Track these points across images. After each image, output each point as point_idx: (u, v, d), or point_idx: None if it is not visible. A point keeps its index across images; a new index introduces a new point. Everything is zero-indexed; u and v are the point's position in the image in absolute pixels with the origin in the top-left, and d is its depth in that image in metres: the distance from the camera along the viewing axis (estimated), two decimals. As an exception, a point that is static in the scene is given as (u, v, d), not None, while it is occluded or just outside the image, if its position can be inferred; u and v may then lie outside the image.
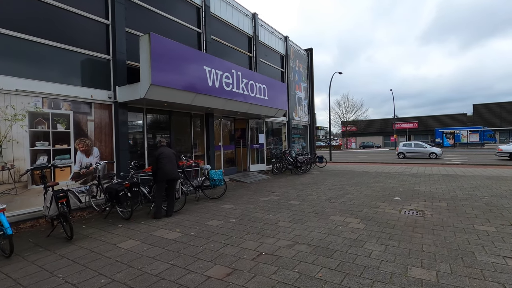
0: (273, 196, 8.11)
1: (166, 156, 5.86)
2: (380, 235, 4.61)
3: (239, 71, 9.62)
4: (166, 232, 5.00)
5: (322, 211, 6.24)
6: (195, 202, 7.41)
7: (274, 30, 15.30)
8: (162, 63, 6.85)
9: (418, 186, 9.18)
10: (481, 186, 8.86)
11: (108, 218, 6.02)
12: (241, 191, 8.94)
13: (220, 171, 7.67)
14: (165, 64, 6.91)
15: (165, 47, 6.92)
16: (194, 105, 8.41)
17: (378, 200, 7.24)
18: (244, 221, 5.56)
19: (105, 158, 7.20)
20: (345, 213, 6.03)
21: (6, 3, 5.67)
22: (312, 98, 19.58)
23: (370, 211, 6.21)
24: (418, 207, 6.45)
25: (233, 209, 6.58)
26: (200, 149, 10.53)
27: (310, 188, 9.32)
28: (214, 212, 6.33)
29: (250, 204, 7.06)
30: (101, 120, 7.19)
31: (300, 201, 7.30)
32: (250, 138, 13.00)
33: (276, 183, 10.58)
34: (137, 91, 6.91)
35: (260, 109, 11.18)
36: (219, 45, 11.25)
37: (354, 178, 11.52)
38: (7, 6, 5.69)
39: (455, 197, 7.37)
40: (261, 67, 13.97)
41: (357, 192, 8.35)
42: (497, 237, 4.41)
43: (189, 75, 7.67)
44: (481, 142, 41.24)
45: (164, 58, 6.89)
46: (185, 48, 7.57)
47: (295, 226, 5.19)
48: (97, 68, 7.25)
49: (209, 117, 10.48)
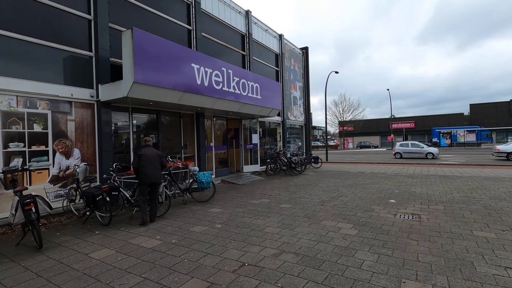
0: (264, 198, 7.80)
1: (149, 158, 5.52)
2: (373, 243, 4.32)
3: (230, 69, 9.30)
4: (145, 239, 4.67)
5: (314, 215, 5.94)
6: (182, 206, 7.08)
7: (268, 28, 14.99)
8: (146, 60, 6.52)
9: (415, 188, 8.91)
10: (479, 188, 8.60)
11: (87, 223, 5.68)
12: (232, 194, 8.62)
13: (209, 173, 7.35)
14: (149, 61, 6.58)
15: (149, 43, 6.59)
16: (182, 104, 8.08)
17: (373, 203, 6.96)
18: (230, 227, 5.25)
19: (87, 160, 6.86)
20: (338, 218, 5.73)
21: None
22: (307, 98, 19.30)
23: (364, 215, 5.92)
24: (414, 211, 6.17)
25: (220, 213, 6.26)
26: (191, 150, 10.19)
27: (304, 190, 9.02)
28: (200, 217, 6.00)
29: (239, 208, 6.74)
30: (82, 120, 6.85)
31: (292, 204, 7.00)
32: (243, 138, 12.68)
33: (269, 184, 10.27)
34: (119, 89, 6.57)
35: (253, 108, 10.86)
36: (211, 42, 10.93)
37: (349, 179, 11.24)
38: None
39: (452, 200, 7.10)
40: (255, 66, 13.66)
41: (352, 195, 8.06)
42: (497, 244, 4.12)
43: (176, 73, 7.34)
44: (478, 142, 41.18)
45: (148, 55, 6.56)
46: (171, 45, 7.24)
47: (283, 233, 4.88)
48: (79, 65, 6.90)
49: (200, 116, 10.15)
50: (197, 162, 10.18)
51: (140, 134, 8.44)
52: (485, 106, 51.87)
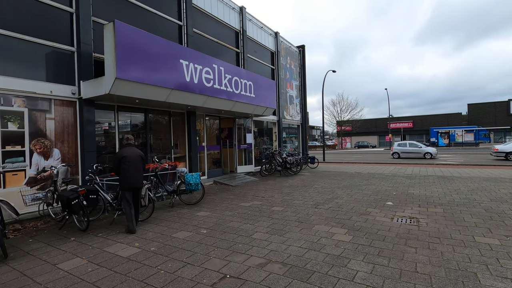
0: (256, 201, 7.46)
1: (131, 160, 5.13)
2: (368, 250, 3.99)
3: (222, 66, 8.95)
4: (122, 247, 4.32)
5: (306, 220, 5.61)
6: (169, 209, 6.73)
7: (263, 25, 14.65)
8: (130, 55, 6.16)
9: (413, 189, 8.61)
10: (479, 189, 8.30)
11: (64, 229, 5.32)
12: (223, 195, 8.28)
13: (197, 174, 7.00)
14: (133, 56, 6.23)
15: (133, 38, 6.24)
16: (170, 103, 7.72)
17: (369, 206, 6.64)
18: (216, 233, 4.91)
19: (68, 161, 6.50)
20: (331, 222, 5.41)
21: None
22: (304, 97, 18.97)
23: (359, 219, 5.60)
24: (412, 214, 5.86)
25: (207, 217, 5.91)
26: (182, 150, 9.84)
27: (298, 191, 8.69)
28: (185, 221, 5.66)
29: (229, 211, 6.41)
30: (63, 119, 6.48)
31: (284, 207, 6.67)
32: (237, 138, 12.34)
33: (262, 186, 9.94)
34: (101, 86, 6.22)
35: (246, 107, 10.52)
36: (203, 39, 10.57)
37: (345, 180, 10.92)
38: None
39: (452, 202, 6.80)
40: (250, 64, 13.32)
41: (347, 196, 7.74)
42: (502, 252, 3.81)
43: (163, 69, 6.99)
44: (476, 141, 41.02)
45: (132, 50, 6.20)
46: (157, 39, 6.88)
47: (272, 239, 4.55)
48: (59, 61, 6.54)
49: (191, 115, 9.79)
50: (188, 163, 9.83)
51: (126, 134, 8.08)
52: (483, 106, 51.77)
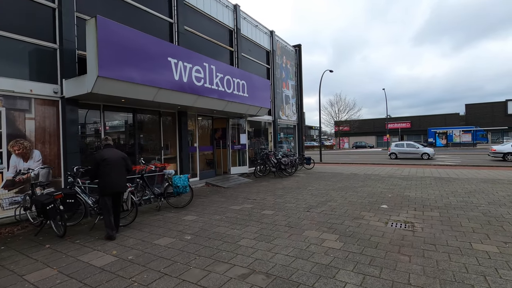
0: (247, 204, 7.21)
1: (112, 162, 4.84)
2: (359, 259, 3.75)
3: (213, 65, 8.70)
4: (98, 255, 4.06)
5: (297, 224, 5.36)
6: (155, 213, 6.47)
7: (258, 24, 14.40)
8: (113, 52, 5.90)
9: (409, 191, 8.39)
10: (476, 191, 8.09)
11: (40, 234, 5.04)
12: (213, 198, 8.03)
13: (185, 177, 6.74)
14: (117, 53, 5.96)
15: (116, 34, 5.97)
16: (159, 102, 7.47)
17: (363, 209, 6.40)
18: (200, 239, 4.66)
19: (49, 163, 6.23)
20: (323, 227, 5.17)
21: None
22: (300, 97, 18.74)
23: (352, 223, 5.36)
24: (407, 218, 5.63)
25: (194, 222, 5.66)
26: (172, 151, 9.58)
27: (291, 193, 8.45)
28: (170, 226, 5.40)
29: (217, 215, 6.15)
30: (44, 119, 6.21)
31: (275, 211, 6.42)
32: (230, 139, 12.09)
33: (255, 188, 9.69)
34: (84, 84, 5.95)
35: (240, 107, 10.27)
36: (195, 37, 10.31)
37: (341, 181, 10.69)
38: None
39: (448, 205, 6.58)
40: (244, 63, 13.07)
41: (341, 199, 7.50)
42: (501, 261, 3.58)
43: (149, 67, 6.72)
44: (473, 142, 40.98)
45: (115, 47, 5.94)
46: (143, 36, 6.62)
47: (259, 246, 4.30)
48: (41, 58, 6.27)
49: (182, 115, 9.53)
50: (179, 164, 9.57)
51: (113, 135, 7.82)
52: (481, 106, 51.76)
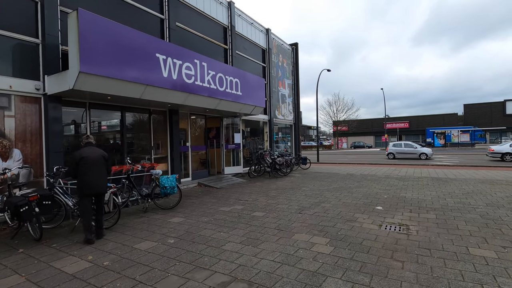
0: (237, 205, 6.98)
1: (91, 161, 4.60)
2: (349, 265, 3.53)
3: (204, 62, 8.46)
4: (73, 261, 3.82)
5: (287, 227, 5.14)
6: (141, 214, 6.23)
7: (254, 21, 14.17)
8: (97, 47, 5.65)
9: (405, 192, 8.17)
10: (474, 192, 7.89)
11: (17, 237, 4.80)
12: (204, 199, 7.79)
13: (173, 177, 6.51)
14: (100, 48, 5.71)
15: (100, 28, 5.72)
16: (148, 100, 7.23)
17: (357, 211, 6.19)
18: (184, 243, 4.42)
19: (30, 162, 5.98)
20: (314, 230, 4.94)
21: None
22: (297, 96, 18.52)
23: (345, 226, 5.14)
24: (402, 220, 5.41)
25: (180, 224, 5.42)
26: (163, 151, 9.34)
27: (284, 194, 8.22)
28: (154, 229, 5.16)
29: (205, 217, 5.92)
30: (25, 116, 5.96)
31: (266, 212, 6.20)
32: (224, 138, 11.85)
33: (248, 188, 9.46)
34: (65, 81, 5.70)
35: (233, 105, 10.03)
36: (187, 34, 10.07)
37: (336, 182, 10.47)
38: None
39: (445, 207, 6.36)
40: (239, 61, 12.83)
41: (335, 200, 7.28)
42: (499, 268, 3.36)
43: (136, 64, 6.48)
44: (471, 142, 40.88)
45: (99, 42, 5.69)
46: (130, 31, 6.37)
47: (244, 250, 4.07)
48: (22, 53, 6.01)
49: (173, 114, 9.29)
50: (170, 164, 9.33)
51: (99, 134, 7.58)
52: (479, 106, 51.68)
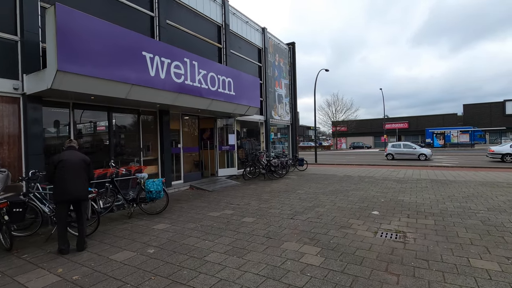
0: (228, 209, 6.69)
1: (70, 166, 4.30)
2: (340, 279, 3.24)
3: (195, 61, 8.17)
4: (41, 274, 3.52)
5: (277, 234, 4.84)
6: (125, 220, 5.93)
7: (249, 20, 13.89)
8: (76, 44, 5.36)
9: (403, 195, 7.88)
10: (474, 196, 7.60)
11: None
12: (194, 203, 7.49)
13: (159, 181, 6.21)
14: (80, 45, 5.42)
15: (79, 24, 5.43)
16: (137, 100, 6.94)
17: (352, 216, 5.89)
18: (164, 253, 4.13)
19: (8, 166, 5.68)
20: (305, 237, 4.65)
21: None
22: (294, 96, 18.24)
23: (338, 233, 4.84)
24: (399, 227, 5.12)
25: (164, 232, 5.12)
26: (154, 153, 9.04)
27: (278, 198, 7.93)
28: (136, 237, 4.87)
29: (192, 223, 5.62)
30: (2, 117, 5.67)
31: (257, 218, 5.90)
32: (218, 139, 11.56)
33: (241, 191, 9.16)
34: (44, 80, 5.41)
35: (225, 105, 9.74)
36: (178, 32, 9.78)
37: (333, 184, 10.18)
38: None
39: (444, 211, 6.07)
40: (234, 60, 12.55)
41: (330, 204, 6.99)
42: (503, 283, 3.07)
43: (120, 62, 6.19)
44: (471, 142, 40.60)
45: (78, 38, 5.40)
46: (113, 28, 6.07)
47: (228, 262, 3.78)
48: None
49: (164, 114, 9.00)
50: (161, 166, 9.03)
51: (84, 136, 7.28)
52: (479, 106, 51.42)
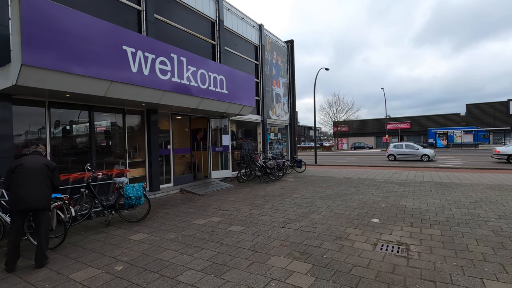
0: (216, 216, 6.18)
1: (27, 170, 3.79)
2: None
3: (183, 57, 7.67)
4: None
5: (264, 247, 4.33)
6: (101, 229, 5.43)
7: (245, 16, 13.39)
8: (44, 36, 4.86)
9: (405, 200, 7.35)
10: (483, 201, 7.05)
11: None
12: (181, 208, 6.99)
13: (140, 186, 5.70)
14: (49, 37, 4.93)
15: (48, 14, 4.94)
16: (115, 98, 6.44)
17: (350, 224, 5.37)
18: (133, 270, 3.62)
19: (-28, 170, 5.20)
20: (295, 251, 4.13)
21: None
22: (293, 95, 17.71)
23: (333, 246, 4.32)
24: (402, 237, 4.60)
25: (139, 243, 4.62)
26: (141, 154, 8.56)
27: (272, 202, 7.41)
28: (106, 250, 4.37)
29: (173, 232, 5.11)
30: (-34, 117, 5.19)
31: (245, 226, 5.39)
32: (211, 140, 11.05)
33: (233, 195, 8.65)
34: (9, 75, 4.93)
35: (217, 104, 9.24)
36: (167, 27, 9.29)
37: (331, 187, 9.65)
38: None
39: (451, 219, 5.54)
40: (229, 58, 12.06)
41: (327, 210, 6.47)
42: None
43: (97, 57, 5.69)
44: (475, 142, 39.89)
45: (47, 30, 4.91)
46: (87, 19, 5.55)
47: (203, 282, 3.27)
48: (-36, 45, 5.25)
49: (151, 114, 8.50)
50: (148, 169, 8.53)
51: (62, 137, 6.80)
52: (482, 106, 50.66)
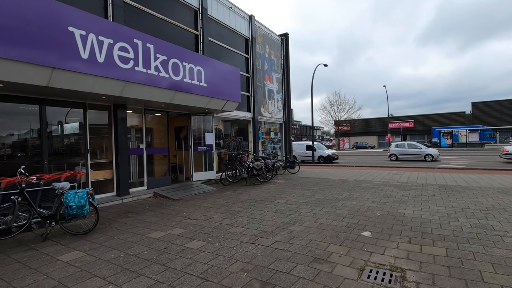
0: (178, 227, 5.24)
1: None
2: None
3: (150, 43, 6.74)
4: None
5: (219, 273, 3.38)
6: (33, 245, 4.51)
7: (232, 5, 12.43)
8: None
9: (404, 207, 6.36)
10: (495, 208, 6.04)
11: None
12: (143, 217, 6.06)
13: (83, 193, 4.77)
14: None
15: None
16: (64, 89, 5.53)
17: (335, 239, 4.41)
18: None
19: None
20: (257, 280, 3.18)
21: None
22: (287, 92, 16.74)
23: (307, 272, 3.37)
24: (396, 259, 3.63)
25: (67, 266, 3.69)
26: (108, 155, 7.65)
27: (251, 209, 6.47)
28: (19, 276, 3.44)
29: (116, 250, 4.19)
30: None
31: (208, 242, 4.45)
32: (193, 139, 10.13)
33: (211, 200, 7.70)
34: None
35: (195, 99, 8.31)
36: (139, 13, 8.36)
37: (322, 191, 8.68)
38: None
39: (459, 233, 4.55)
40: (214, 50, 11.13)
41: (311, 220, 5.51)
42: None
43: (34, 38, 4.78)
44: (480, 142, 38.57)
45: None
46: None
47: (111, 335, 2.33)
48: None
49: (119, 109, 7.59)
50: (116, 171, 7.63)
51: (7, 136, 5.92)
52: (488, 104, 49.28)
